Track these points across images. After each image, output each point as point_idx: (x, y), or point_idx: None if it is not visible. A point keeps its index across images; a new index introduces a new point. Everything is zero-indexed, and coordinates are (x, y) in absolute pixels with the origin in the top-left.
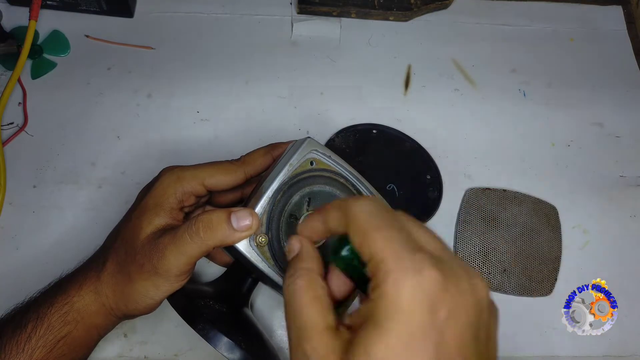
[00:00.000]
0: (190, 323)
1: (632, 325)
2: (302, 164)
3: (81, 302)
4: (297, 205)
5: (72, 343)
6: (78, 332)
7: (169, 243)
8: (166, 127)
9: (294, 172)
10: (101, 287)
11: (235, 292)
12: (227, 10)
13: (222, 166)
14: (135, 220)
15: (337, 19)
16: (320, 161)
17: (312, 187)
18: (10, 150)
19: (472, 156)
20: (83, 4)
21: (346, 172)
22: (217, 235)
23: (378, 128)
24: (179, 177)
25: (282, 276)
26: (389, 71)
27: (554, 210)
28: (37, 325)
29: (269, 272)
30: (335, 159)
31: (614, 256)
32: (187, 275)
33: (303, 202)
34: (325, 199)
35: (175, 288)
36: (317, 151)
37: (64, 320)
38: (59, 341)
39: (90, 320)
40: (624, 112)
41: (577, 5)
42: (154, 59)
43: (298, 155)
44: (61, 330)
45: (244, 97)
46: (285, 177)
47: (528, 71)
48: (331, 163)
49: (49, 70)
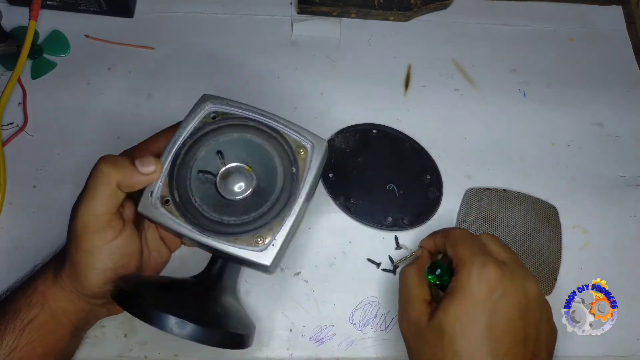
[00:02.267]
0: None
1: (632, 325)
2: (203, 119)
3: (43, 285)
4: (207, 160)
5: (40, 328)
6: (45, 316)
7: (79, 201)
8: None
9: (193, 129)
10: (57, 271)
11: (204, 275)
12: (227, 10)
13: (155, 135)
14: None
15: (337, 19)
16: (221, 112)
17: (218, 139)
18: (10, 150)
19: (472, 156)
20: (83, 4)
21: (251, 114)
22: (120, 171)
23: (378, 128)
24: (127, 152)
25: (196, 232)
26: (389, 71)
27: (554, 210)
28: (5, 311)
29: (179, 229)
30: (236, 104)
31: (614, 256)
32: (114, 232)
33: (214, 157)
34: (239, 147)
35: (110, 251)
36: (214, 102)
37: (28, 303)
38: (27, 325)
39: (55, 303)
40: (624, 112)
41: (577, 5)
42: (154, 59)
43: (191, 113)
44: (27, 313)
45: (243, 97)
46: (182, 136)
47: (528, 71)
48: (233, 110)
49: (49, 70)
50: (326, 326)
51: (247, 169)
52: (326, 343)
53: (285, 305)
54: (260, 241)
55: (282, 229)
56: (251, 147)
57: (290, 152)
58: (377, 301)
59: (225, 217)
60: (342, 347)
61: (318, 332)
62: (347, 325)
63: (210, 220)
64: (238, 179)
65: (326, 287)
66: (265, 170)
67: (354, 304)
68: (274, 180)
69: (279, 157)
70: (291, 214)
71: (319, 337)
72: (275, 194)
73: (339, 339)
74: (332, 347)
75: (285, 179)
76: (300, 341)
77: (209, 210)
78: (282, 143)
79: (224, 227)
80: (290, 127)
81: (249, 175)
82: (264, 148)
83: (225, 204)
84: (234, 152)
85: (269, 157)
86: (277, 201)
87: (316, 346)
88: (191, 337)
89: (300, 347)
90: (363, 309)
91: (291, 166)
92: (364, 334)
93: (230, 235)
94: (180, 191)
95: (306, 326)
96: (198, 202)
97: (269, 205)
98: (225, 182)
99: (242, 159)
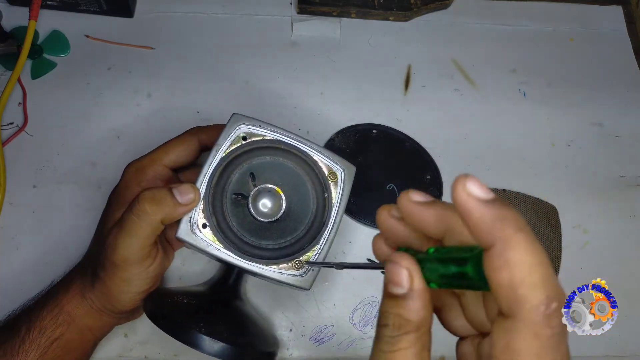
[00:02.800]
0: (152, 320)
1: (632, 325)
2: (234, 141)
3: (70, 305)
4: (240, 183)
5: (66, 345)
6: (71, 334)
7: (119, 231)
8: (166, 127)
9: (226, 152)
10: (85, 292)
11: (222, 285)
12: (227, 10)
13: (175, 139)
14: (102, 220)
15: (337, 19)
16: (253, 133)
17: (251, 161)
18: (10, 150)
19: (472, 156)
20: (83, 4)
21: (283, 137)
22: (164, 209)
23: (378, 128)
24: (138, 168)
25: (237, 257)
26: (389, 71)
27: (554, 210)
28: (30, 327)
29: (219, 254)
30: (269, 126)
31: (614, 256)
32: (152, 261)
33: (247, 179)
34: (270, 170)
35: (146, 276)
36: (246, 124)
37: (55, 322)
38: (52, 343)
39: (81, 321)
40: (624, 112)
41: (577, 5)
42: (154, 59)
43: (225, 134)
44: (54, 332)
45: (244, 97)
46: (216, 158)
47: (528, 71)
48: (265, 132)
49: (49, 70)
50: (326, 326)
51: (277, 190)
52: (326, 343)
53: (285, 305)
54: (299, 265)
55: (319, 254)
56: (283, 170)
57: (322, 177)
58: (377, 301)
59: (264, 241)
60: (342, 347)
61: (318, 332)
62: (347, 325)
63: (249, 245)
64: (270, 201)
65: (326, 287)
66: (297, 194)
67: (354, 304)
68: (307, 205)
69: (311, 181)
70: (327, 238)
71: (319, 337)
72: (309, 219)
73: (339, 339)
74: (332, 347)
75: (318, 204)
76: (300, 341)
77: (246, 234)
78: (314, 168)
79: (263, 251)
80: (322, 152)
81: (279, 197)
82: (296, 172)
83: (259, 227)
84: (266, 174)
85: (301, 181)
86: (312, 226)
87: (316, 346)
88: (221, 356)
89: (300, 347)
90: (363, 309)
91: (323, 192)
92: (364, 334)
93: (269, 259)
94: (217, 215)
95: (306, 326)
96: (235, 226)
97: (304, 230)
98: (257, 204)
99: (273, 182)
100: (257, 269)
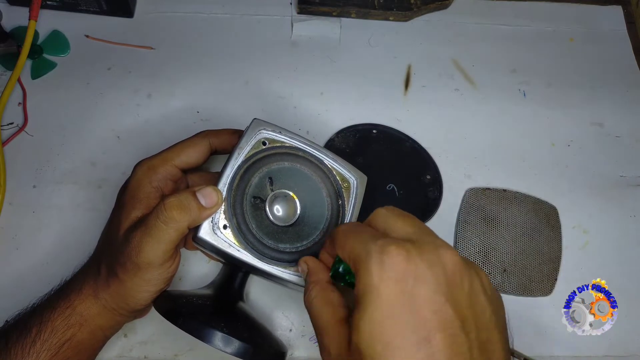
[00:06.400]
0: (171, 320)
1: (632, 325)
2: (254, 146)
3: (82, 305)
4: (259, 186)
5: (77, 346)
6: (82, 334)
7: (143, 235)
8: (166, 127)
9: (247, 155)
10: (98, 292)
11: (228, 288)
12: (227, 10)
13: (186, 141)
14: (114, 219)
15: (337, 19)
16: (272, 139)
17: (270, 166)
18: (10, 150)
19: (472, 156)
20: (83, 4)
21: (301, 144)
22: (190, 214)
23: (378, 128)
24: (150, 167)
25: (256, 259)
26: (389, 71)
27: (554, 210)
28: (41, 329)
29: (239, 255)
30: (288, 133)
31: (614, 256)
32: (173, 262)
33: (265, 183)
34: (287, 175)
35: (166, 276)
36: (267, 130)
37: (67, 324)
38: (64, 344)
39: (94, 322)
40: (624, 112)
41: (577, 5)
42: (154, 59)
43: (246, 138)
44: (65, 333)
45: (244, 97)
46: (237, 161)
47: (528, 71)
48: (284, 139)
49: (49, 70)
50: None
51: (293, 196)
52: None
53: (285, 305)
54: None
55: None
56: (300, 176)
57: (336, 184)
58: None
59: (281, 244)
60: None
61: None
62: None
63: (268, 247)
64: (285, 205)
65: None
66: (312, 199)
67: None
68: (322, 210)
69: (326, 188)
70: None
71: None
72: (324, 224)
73: None
74: None
75: (332, 210)
76: (300, 341)
77: (265, 237)
78: (329, 176)
79: (281, 254)
80: (337, 161)
81: (294, 202)
82: (312, 179)
83: (276, 231)
84: (283, 180)
85: (316, 187)
86: (327, 231)
87: (316, 346)
88: (244, 356)
89: (300, 347)
90: None
91: (337, 198)
92: None
93: (286, 262)
94: (238, 217)
95: (306, 326)
96: (255, 228)
97: (319, 234)
98: (274, 208)
99: (289, 187)
100: (276, 271)
